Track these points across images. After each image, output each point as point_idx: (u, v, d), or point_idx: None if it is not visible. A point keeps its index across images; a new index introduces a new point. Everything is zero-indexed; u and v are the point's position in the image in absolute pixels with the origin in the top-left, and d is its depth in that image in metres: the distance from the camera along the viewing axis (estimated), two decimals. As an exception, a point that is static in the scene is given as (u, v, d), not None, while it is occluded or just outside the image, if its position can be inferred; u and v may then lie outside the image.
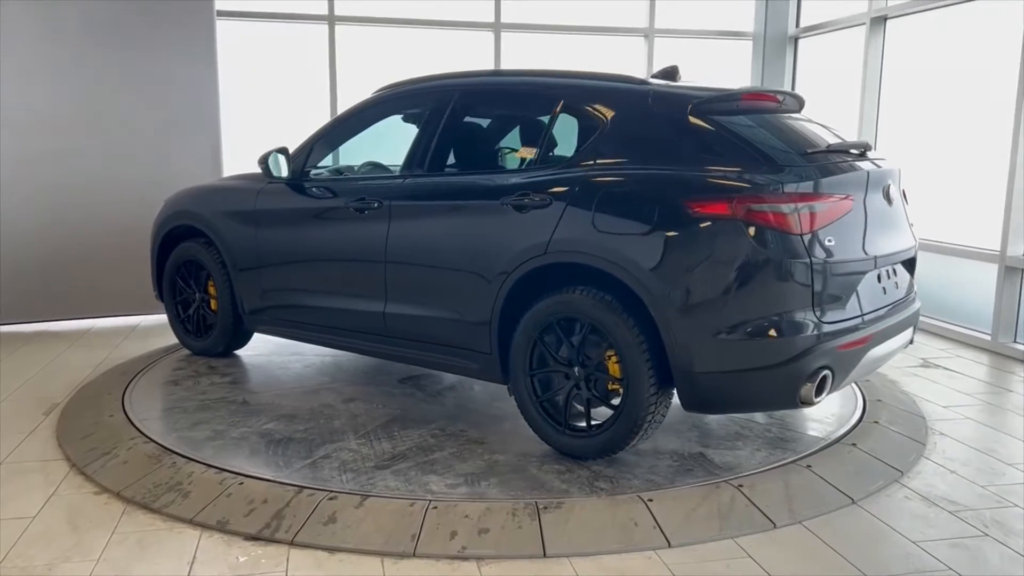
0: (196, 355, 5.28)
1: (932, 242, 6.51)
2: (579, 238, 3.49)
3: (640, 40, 8.38)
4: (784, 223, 3.21)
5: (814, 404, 3.32)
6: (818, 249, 3.28)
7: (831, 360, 3.29)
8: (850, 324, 3.40)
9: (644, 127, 3.61)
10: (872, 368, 3.76)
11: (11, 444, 3.91)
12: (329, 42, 7.70)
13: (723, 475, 3.47)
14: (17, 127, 6.01)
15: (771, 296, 3.24)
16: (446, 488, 3.33)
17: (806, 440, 3.90)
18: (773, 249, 3.21)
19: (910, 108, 6.92)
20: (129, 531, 3.08)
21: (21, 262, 6.13)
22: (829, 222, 3.33)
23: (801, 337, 3.24)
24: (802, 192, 3.29)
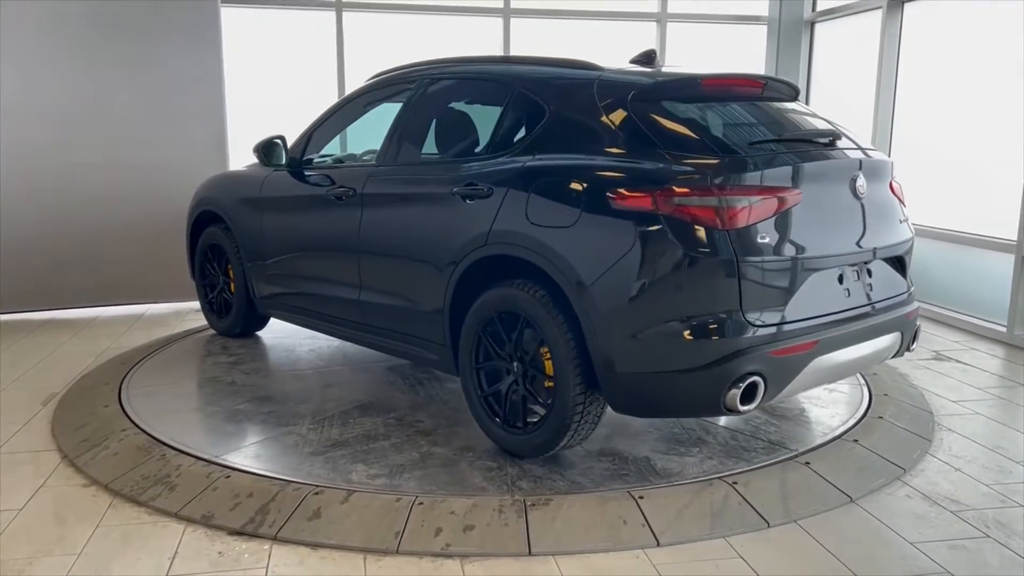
0: (219, 335, 5.55)
1: (948, 231, 6.37)
2: (514, 230, 3.40)
3: (652, 25, 8.25)
4: (709, 218, 3.01)
5: (742, 412, 3.08)
6: (749, 246, 3.02)
7: (762, 366, 3.04)
8: (791, 328, 3.14)
9: (585, 115, 3.46)
10: (835, 375, 3.53)
11: (6, 434, 3.91)
12: (337, 29, 7.65)
13: (658, 482, 3.30)
14: (22, 117, 6.01)
15: (692, 295, 3.05)
16: (365, 479, 3.32)
17: (805, 436, 3.81)
18: (696, 245, 3.01)
19: (928, 94, 6.75)
20: (114, 524, 3.07)
21: (26, 251, 6.15)
22: (764, 217, 3.07)
23: (724, 340, 3.02)
24: (733, 185, 3.05)
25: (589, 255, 3.17)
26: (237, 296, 5.29)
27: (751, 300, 3.06)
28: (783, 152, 3.34)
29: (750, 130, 3.56)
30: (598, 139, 3.37)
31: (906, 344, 3.74)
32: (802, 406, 4.19)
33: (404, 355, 4.24)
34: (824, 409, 4.16)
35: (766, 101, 3.73)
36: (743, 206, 3.04)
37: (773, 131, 3.57)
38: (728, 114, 3.56)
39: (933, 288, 6.60)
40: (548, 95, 3.61)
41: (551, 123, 3.53)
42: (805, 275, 3.21)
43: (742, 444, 3.68)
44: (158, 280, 6.48)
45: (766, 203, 3.09)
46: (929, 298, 6.58)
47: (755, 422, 3.95)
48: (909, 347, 3.78)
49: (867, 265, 3.50)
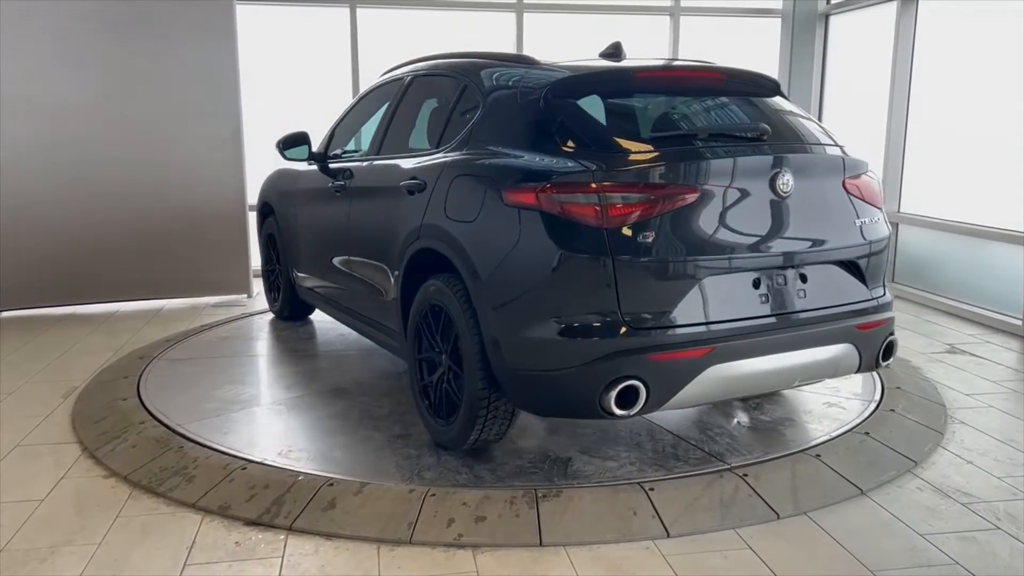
0: (277, 318, 6.04)
1: (961, 223, 6.34)
2: (436, 223, 3.49)
3: (666, 19, 8.24)
4: (588, 216, 2.94)
5: (619, 416, 2.98)
6: (630, 245, 2.93)
7: (641, 370, 2.94)
8: (678, 332, 3.02)
9: (507, 111, 3.49)
10: (753, 386, 3.34)
11: (28, 427, 3.98)
12: (351, 25, 7.71)
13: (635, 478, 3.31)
14: (40, 114, 6.09)
15: (570, 294, 3.00)
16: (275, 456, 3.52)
17: (816, 429, 3.82)
18: (574, 243, 2.96)
19: (944, 86, 6.72)
20: (133, 515, 3.12)
21: (46, 247, 6.23)
22: (648, 215, 2.96)
23: (599, 341, 2.96)
24: (615, 183, 2.98)
25: (484, 250, 3.22)
26: (284, 282, 5.75)
27: (631, 301, 2.97)
28: (689, 148, 3.23)
29: (666, 125, 3.50)
30: (514, 134, 3.39)
31: (870, 358, 3.44)
32: (812, 399, 4.20)
33: (381, 344, 4.41)
34: (835, 402, 4.16)
35: (712, 94, 3.67)
36: (624, 204, 2.96)
37: (693, 126, 3.50)
38: (649, 108, 3.53)
39: (948, 281, 6.58)
40: (485, 90, 3.66)
41: (482, 118, 3.59)
42: (700, 278, 3.05)
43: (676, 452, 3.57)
44: (176, 276, 6.56)
45: (651, 201, 2.98)
46: (944, 291, 6.56)
47: (696, 436, 3.96)
48: (879, 362, 3.48)
49: (799, 269, 3.25)
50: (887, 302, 3.54)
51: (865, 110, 7.64)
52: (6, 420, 4.08)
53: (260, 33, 7.45)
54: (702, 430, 3.80)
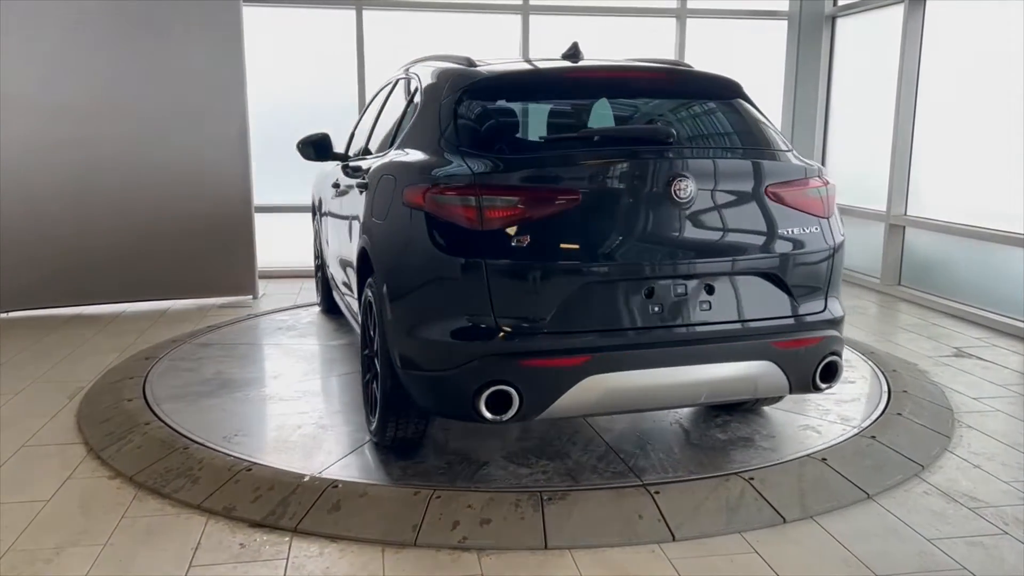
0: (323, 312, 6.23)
1: (968, 226, 6.31)
2: (366, 222, 3.59)
3: (672, 22, 8.23)
4: (466, 217, 2.93)
5: (493, 422, 2.94)
6: (506, 248, 2.90)
7: (514, 376, 2.90)
8: (554, 340, 2.95)
9: (428, 112, 3.49)
10: (643, 399, 3.19)
11: (34, 427, 3.99)
12: (357, 27, 7.72)
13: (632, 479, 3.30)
14: (46, 114, 6.10)
15: (447, 296, 3.01)
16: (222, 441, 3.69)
17: (822, 433, 3.81)
18: (451, 245, 2.97)
19: (951, 89, 6.70)
20: (138, 516, 3.13)
21: (52, 248, 6.24)
22: (526, 219, 2.92)
23: (470, 344, 2.94)
24: (494, 185, 2.95)
25: (387, 249, 3.30)
26: (321, 276, 6.04)
27: (505, 305, 2.93)
28: (579, 152, 3.19)
29: (568, 127, 3.47)
30: (429, 135, 3.38)
31: (802, 380, 3.23)
32: (817, 402, 4.19)
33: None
34: (842, 405, 4.15)
35: (654, 96, 3.66)
36: (500, 207, 2.93)
37: (595, 129, 3.46)
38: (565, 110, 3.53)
39: (954, 284, 6.56)
40: (422, 92, 3.70)
41: (413, 119, 3.64)
42: (579, 284, 2.97)
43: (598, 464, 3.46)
44: (182, 277, 6.57)
45: (528, 205, 2.94)
46: (950, 294, 6.54)
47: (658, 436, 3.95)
48: (815, 385, 3.25)
49: (704, 280, 3.09)
50: (827, 319, 3.28)
51: (872, 113, 7.62)
52: (12, 420, 4.08)
53: (267, 35, 7.46)
54: (641, 444, 3.68)
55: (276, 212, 7.60)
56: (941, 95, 6.77)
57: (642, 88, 3.65)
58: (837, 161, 8.31)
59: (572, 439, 3.73)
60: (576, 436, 3.76)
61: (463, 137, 3.24)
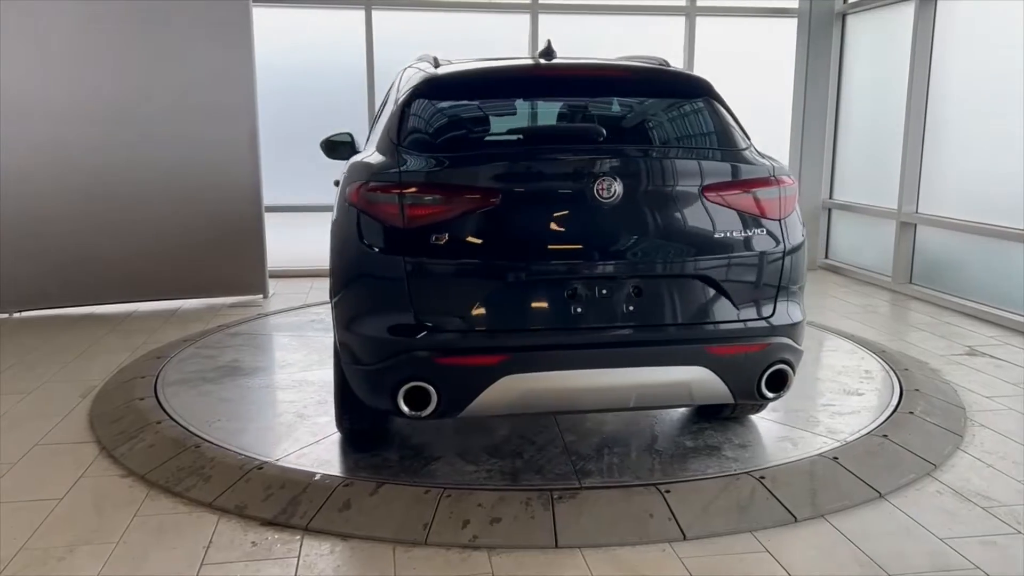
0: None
1: (980, 224, 6.28)
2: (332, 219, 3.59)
3: (681, 20, 8.21)
4: (391, 215, 2.98)
5: (413, 418, 3.00)
6: (427, 246, 2.94)
7: (431, 373, 2.94)
8: (472, 338, 2.98)
9: (391, 112, 3.51)
10: (567, 402, 3.17)
11: (47, 426, 4.01)
12: (366, 27, 7.72)
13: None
14: (57, 116, 6.13)
15: (373, 292, 3.07)
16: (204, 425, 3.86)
17: (833, 432, 3.79)
18: (376, 242, 3.02)
19: (964, 86, 6.66)
20: (150, 514, 3.14)
21: (64, 248, 6.27)
22: (445, 217, 2.95)
23: (390, 340, 2.98)
24: (418, 183, 3.00)
25: (332, 247, 3.30)
26: None
27: (424, 303, 2.96)
28: (505, 151, 3.22)
29: (507, 126, 3.47)
30: (386, 134, 3.38)
31: (744, 388, 3.13)
32: (830, 401, 4.17)
33: None
34: (853, 404, 4.13)
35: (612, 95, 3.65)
36: (420, 205, 2.97)
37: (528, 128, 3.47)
38: (512, 109, 3.54)
39: (967, 282, 6.53)
40: (394, 92, 3.71)
41: (382, 119, 3.65)
42: (498, 283, 2.98)
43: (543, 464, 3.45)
44: (192, 277, 6.60)
45: (447, 203, 2.97)
46: (963, 292, 6.50)
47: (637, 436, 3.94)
48: (761, 393, 3.14)
49: (631, 282, 3.03)
50: (775, 325, 3.16)
51: (882, 110, 7.58)
52: (25, 419, 4.11)
53: (276, 35, 7.48)
54: (600, 447, 3.64)
55: (286, 212, 7.62)
56: (952, 92, 6.73)
57: (600, 87, 3.63)
58: (848, 158, 8.28)
59: (534, 438, 3.72)
60: (539, 435, 3.75)
61: (410, 137, 3.26)
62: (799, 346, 3.24)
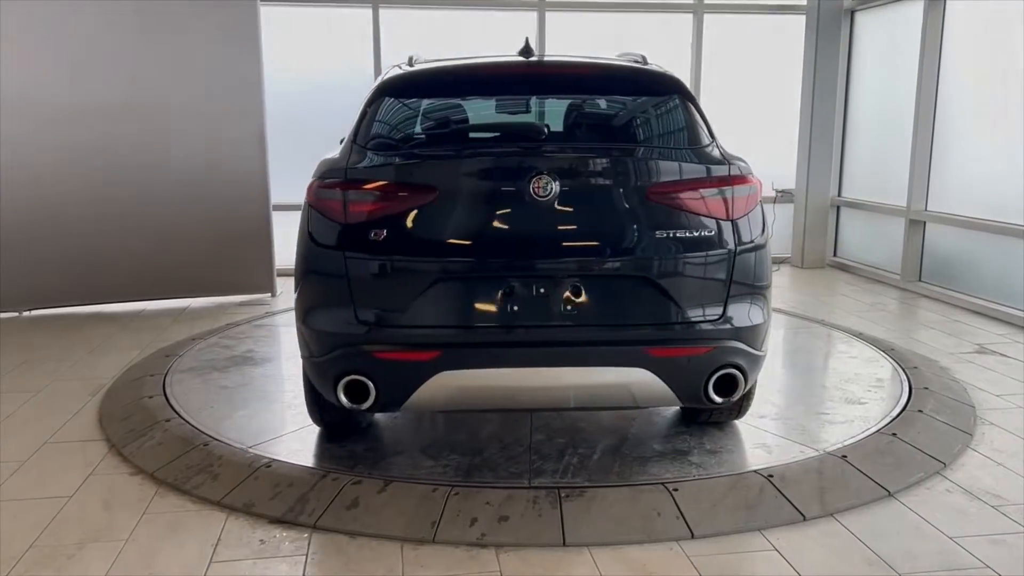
0: None
1: (990, 221, 6.25)
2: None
3: (688, 17, 8.19)
4: (334, 211, 3.06)
5: (354, 410, 3.11)
6: (366, 242, 2.99)
7: (368, 367, 3.00)
8: (408, 333, 3.02)
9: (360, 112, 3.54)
10: (504, 400, 3.18)
11: (56, 424, 4.03)
12: (373, 25, 7.73)
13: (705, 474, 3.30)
14: (66, 116, 6.15)
15: (318, 287, 3.14)
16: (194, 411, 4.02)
17: (842, 430, 3.77)
18: (321, 237, 3.10)
19: (973, 82, 6.62)
20: (159, 512, 3.15)
21: (73, 247, 6.30)
22: (382, 214, 3.01)
23: (331, 334, 3.06)
24: (359, 181, 3.08)
25: (296, 243, 3.31)
26: None
27: (363, 298, 3.02)
28: (445, 149, 3.26)
29: (457, 124, 3.48)
30: (351, 134, 3.39)
31: (690, 391, 3.08)
32: (825, 409, 4.16)
33: None
34: (861, 403, 4.12)
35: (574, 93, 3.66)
36: (360, 202, 3.03)
37: (473, 126, 3.48)
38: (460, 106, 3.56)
39: (977, 280, 6.50)
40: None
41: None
42: (434, 280, 3.01)
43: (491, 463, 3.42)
44: (200, 275, 6.61)
45: (384, 200, 3.03)
46: (972, 290, 6.47)
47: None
48: (708, 397, 3.08)
49: (570, 281, 3.01)
50: (724, 328, 3.07)
51: (891, 107, 7.55)
52: (35, 417, 4.13)
53: (284, 34, 7.49)
54: (565, 447, 3.60)
55: (294, 211, 7.60)
56: (962, 89, 6.70)
57: (563, 85, 3.64)
58: (857, 156, 8.25)
59: (503, 437, 3.73)
60: (509, 434, 3.76)
61: (366, 136, 3.30)
62: (755, 350, 3.16)
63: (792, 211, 8.54)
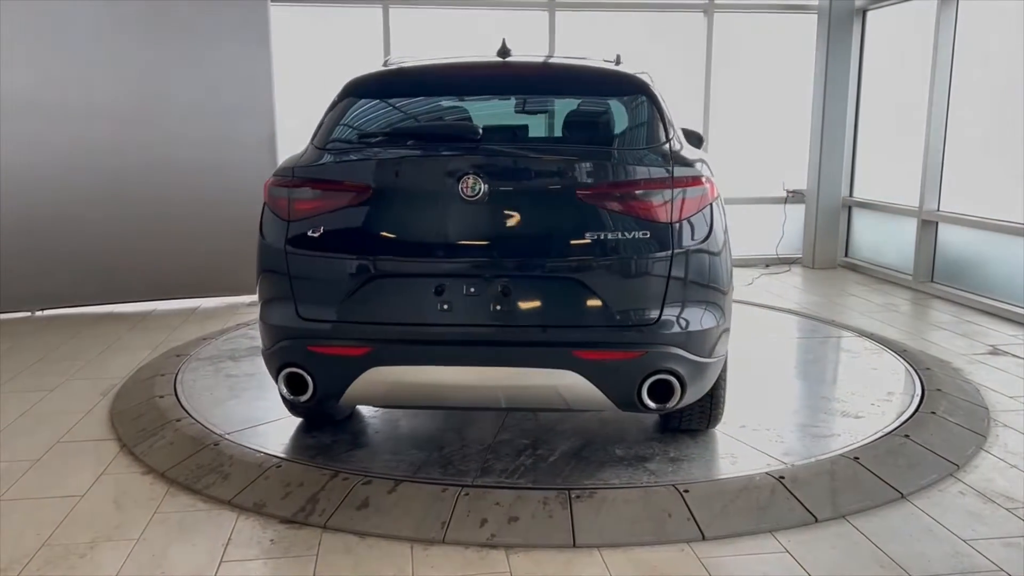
0: None
1: (1003, 222, 6.20)
2: None
3: (699, 16, 8.17)
4: (280, 208, 3.18)
5: (294, 402, 3.22)
6: (304, 239, 3.10)
7: (304, 360, 3.11)
8: (341, 329, 3.08)
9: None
10: (435, 397, 3.21)
11: (69, 423, 4.05)
12: (384, 25, 7.74)
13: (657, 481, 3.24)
14: (77, 117, 6.18)
15: (266, 281, 3.25)
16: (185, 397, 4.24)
17: (855, 431, 3.75)
18: (268, 234, 3.22)
19: (987, 83, 6.58)
20: (170, 511, 3.16)
21: (84, 248, 6.33)
22: (320, 212, 3.10)
23: (273, 327, 3.19)
24: (299, 179, 3.17)
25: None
26: None
27: (302, 293, 3.13)
28: (381, 149, 3.28)
29: (404, 125, 3.51)
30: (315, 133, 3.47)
31: (623, 395, 3.02)
32: (849, 400, 4.14)
33: None
34: (874, 404, 4.09)
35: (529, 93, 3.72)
36: (303, 199, 3.13)
37: (420, 126, 3.51)
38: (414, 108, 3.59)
39: (989, 280, 6.45)
40: None
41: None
42: (366, 276, 3.06)
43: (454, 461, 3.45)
44: (211, 275, 6.63)
45: (320, 198, 3.12)
46: (985, 291, 6.43)
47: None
48: (642, 402, 3.01)
49: (500, 281, 3.00)
50: (659, 332, 3.01)
51: (904, 107, 7.51)
52: (48, 416, 4.15)
53: (294, 34, 7.51)
54: (524, 448, 3.59)
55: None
56: (975, 88, 6.65)
57: (519, 86, 3.67)
58: (868, 156, 8.21)
59: (464, 433, 3.78)
60: (475, 432, 3.78)
61: (326, 135, 3.37)
62: (698, 357, 3.06)
63: (803, 211, 8.50)
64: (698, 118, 8.10)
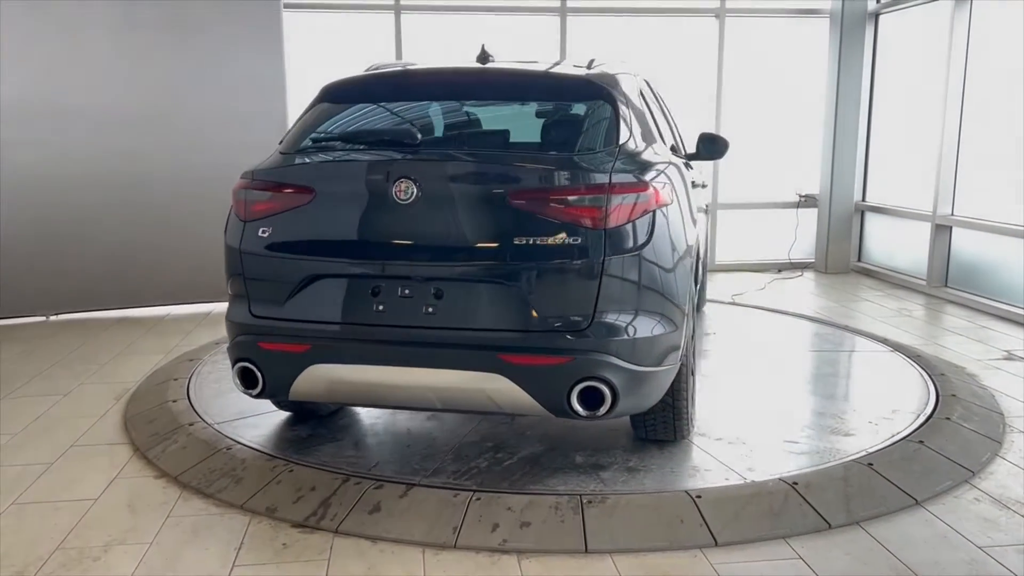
0: None
1: (1018, 226, 6.16)
2: None
3: (711, 21, 8.16)
4: (239, 209, 3.34)
5: (249, 395, 3.33)
6: (254, 239, 3.26)
7: (254, 356, 3.25)
8: (285, 326, 3.21)
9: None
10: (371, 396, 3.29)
11: (83, 427, 4.07)
12: (396, 31, 7.77)
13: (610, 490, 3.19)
14: (90, 122, 6.23)
15: (229, 279, 3.38)
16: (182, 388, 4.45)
17: (868, 437, 3.73)
18: (230, 234, 3.36)
19: (1001, 87, 6.54)
20: (183, 515, 3.17)
21: (99, 252, 6.37)
22: (268, 213, 3.25)
23: (231, 323, 3.35)
24: (255, 181, 3.32)
25: None
26: None
27: (255, 291, 3.29)
28: (327, 152, 3.43)
29: (351, 128, 3.62)
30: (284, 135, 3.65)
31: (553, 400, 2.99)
32: (862, 406, 4.12)
33: None
34: (887, 410, 4.07)
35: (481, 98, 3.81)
36: (255, 201, 3.28)
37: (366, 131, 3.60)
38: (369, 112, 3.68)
39: (1004, 285, 6.41)
40: None
41: None
42: (307, 276, 3.18)
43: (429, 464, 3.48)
44: (223, 280, 6.62)
45: (267, 200, 3.27)
46: (1000, 296, 6.39)
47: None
48: (572, 408, 2.97)
49: (432, 283, 3.05)
50: (588, 339, 2.98)
51: (917, 111, 7.48)
52: (62, 420, 4.18)
53: (306, 40, 7.54)
54: (488, 451, 3.59)
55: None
56: (988, 92, 6.61)
57: (480, 90, 3.75)
58: (881, 160, 8.17)
59: (437, 435, 3.82)
60: (444, 433, 3.83)
61: (293, 139, 3.53)
62: (632, 364, 3.01)
63: (816, 216, 8.48)
64: (710, 122, 8.09)
